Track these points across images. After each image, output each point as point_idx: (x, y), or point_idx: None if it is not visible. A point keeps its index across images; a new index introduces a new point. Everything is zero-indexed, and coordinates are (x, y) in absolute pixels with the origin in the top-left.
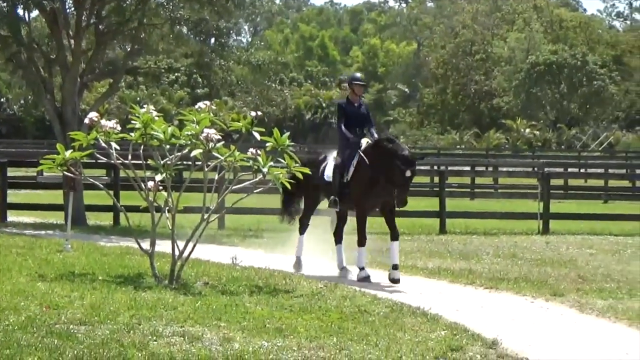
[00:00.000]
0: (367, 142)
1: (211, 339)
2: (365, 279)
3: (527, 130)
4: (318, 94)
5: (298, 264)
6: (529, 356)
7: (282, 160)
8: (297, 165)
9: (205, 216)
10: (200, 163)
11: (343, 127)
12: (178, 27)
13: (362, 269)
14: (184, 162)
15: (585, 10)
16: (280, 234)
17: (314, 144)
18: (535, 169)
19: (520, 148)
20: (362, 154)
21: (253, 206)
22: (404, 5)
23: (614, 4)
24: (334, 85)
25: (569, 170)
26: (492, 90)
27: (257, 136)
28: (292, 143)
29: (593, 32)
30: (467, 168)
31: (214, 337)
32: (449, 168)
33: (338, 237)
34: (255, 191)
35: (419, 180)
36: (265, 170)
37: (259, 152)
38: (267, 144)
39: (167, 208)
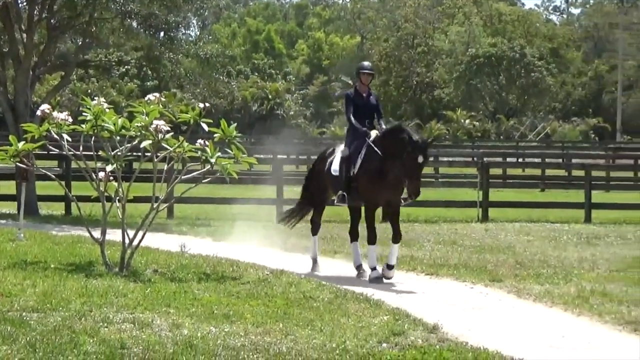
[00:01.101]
0: (377, 133)
1: (161, 325)
2: (377, 280)
3: (467, 121)
4: (264, 86)
5: (314, 265)
6: (468, 340)
7: (230, 151)
8: (244, 155)
9: (155, 205)
10: (149, 154)
11: (352, 118)
12: (128, 21)
13: (373, 269)
14: (134, 153)
15: (523, 4)
16: (228, 222)
17: (260, 135)
18: (475, 158)
19: (461, 138)
20: (371, 145)
21: (202, 195)
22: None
23: (551, 0)
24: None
25: (508, 160)
26: (433, 82)
27: (205, 127)
28: (239, 134)
29: (531, 25)
30: None
31: (164, 323)
32: None
33: (353, 235)
34: (203, 181)
35: None
36: (213, 160)
37: (207, 143)
38: (215, 135)
39: (117, 198)
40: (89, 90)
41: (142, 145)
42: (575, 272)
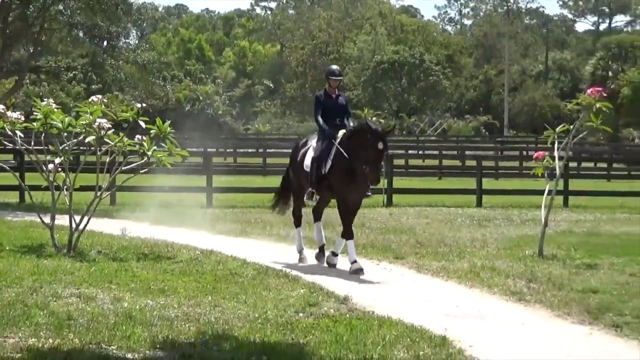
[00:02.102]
0: (344, 132)
1: (103, 299)
2: (358, 271)
3: (374, 118)
4: (196, 88)
5: (301, 257)
6: (375, 310)
7: (165, 145)
8: (178, 149)
9: (98, 194)
10: (93, 148)
11: (319, 119)
12: (75, 31)
13: (354, 262)
14: (80, 147)
15: (422, 16)
16: (164, 208)
17: (192, 131)
18: None
19: None
20: (338, 146)
21: (140, 184)
22: (269, 12)
23: (446, 11)
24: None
25: (409, 152)
26: (344, 85)
27: (143, 124)
28: (173, 130)
29: (429, 35)
30: None
31: (106, 297)
32: None
33: (317, 215)
34: (141, 171)
35: (280, 161)
36: (149, 153)
37: (144, 138)
38: (151, 131)
39: (65, 187)
40: (41, 93)
41: (86, 141)
42: (468, 250)
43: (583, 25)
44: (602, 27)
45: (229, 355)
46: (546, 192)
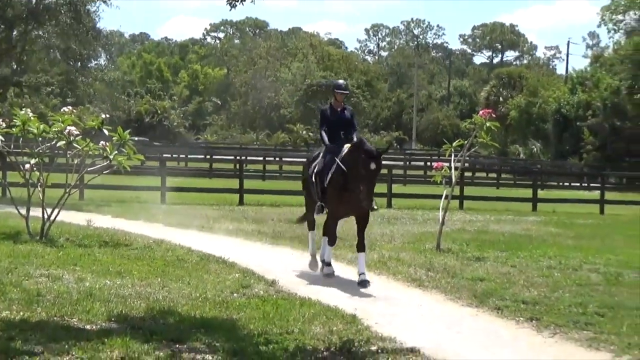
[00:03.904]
0: (348, 146)
1: (68, 279)
2: (329, 275)
3: (304, 132)
4: (155, 104)
5: (314, 262)
6: (297, 292)
7: (125, 150)
8: (136, 154)
9: (68, 190)
10: (64, 151)
11: (323, 134)
12: (52, 52)
13: (328, 264)
14: (53, 150)
15: (346, 48)
16: (124, 204)
17: (151, 140)
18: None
19: (299, 145)
20: (339, 162)
21: (104, 183)
22: (218, 41)
23: (366, 44)
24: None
25: None
26: (279, 103)
27: (106, 132)
28: (135, 138)
29: (351, 63)
30: (261, 158)
31: (71, 278)
32: (248, 158)
33: (312, 225)
34: (105, 172)
35: (224, 167)
36: (111, 157)
37: (107, 144)
38: (114, 138)
39: (39, 184)
40: (23, 104)
41: (58, 145)
42: (378, 243)
43: (480, 58)
44: (495, 60)
45: (173, 328)
46: (444, 196)
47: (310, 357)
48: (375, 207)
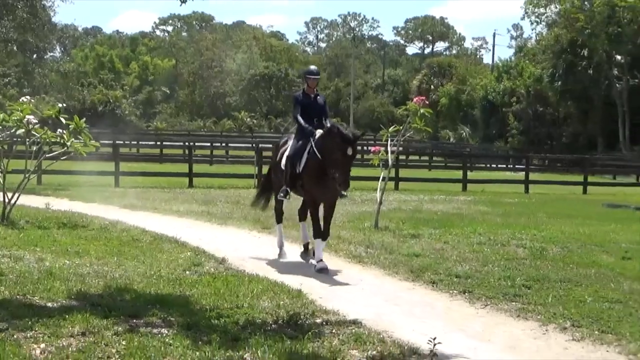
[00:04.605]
0: (320, 133)
1: (29, 259)
2: (323, 270)
3: (248, 119)
4: (107, 93)
5: (281, 252)
6: (245, 269)
7: (81, 137)
8: (91, 141)
9: (27, 175)
10: (23, 139)
11: (299, 118)
12: (9, 45)
13: (320, 260)
14: (12, 138)
15: (287, 39)
16: (80, 188)
17: (104, 127)
18: (253, 144)
19: (244, 131)
20: (313, 146)
21: (61, 168)
22: (166, 34)
23: (306, 36)
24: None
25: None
26: (225, 92)
27: (63, 120)
28: (87, 126)
29: (292, 54)
30: (208, 144)
31: (32, 258)
32: (196, 144)
33: (303, 215)
34: (62, 158)
35: (173, 152)
36: (68, 144)
37: (64, 132)
38: (70, 126)
39: (0, 170)
40: None
41: (17, 133)
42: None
43: (412, 49)
44: (427, 50)
45: (130, 304)
46: (381, 178)
47: (260, 330)
48: (345, 194)
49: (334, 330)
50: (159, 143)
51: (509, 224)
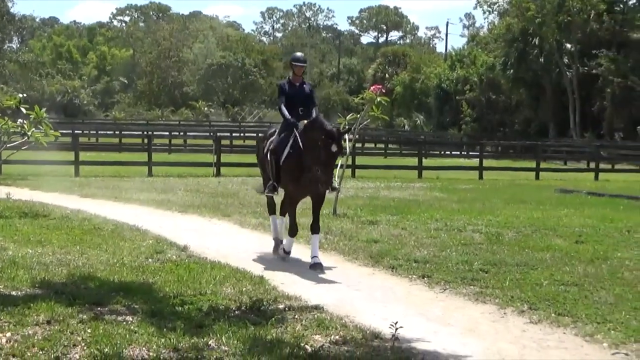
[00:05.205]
0: (305, 123)
1: None
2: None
3: (206, 108)
4: (66, 83)
5: (276, 246)
6: (207, 256)
7: (41, 127)
8: (52, 131)
9: None
10: None
11: (283, 108)
12: None
13: (288, 253)
14: None
15: (244, 29)
16: (41, 177)
17: (63, 117)
18: (211, 133)
19: (202, 120)
20: (297, 136)
21: (22, 158)
22: (124, 24)
23: (262, 26)
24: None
25: (233, 134)
26: (183, 82)
27: (24, 110)
28: (48, 116)
29: (248, 44)
30: (166, 133)
31: None
32: (154, 133)
33: (273, 209)
34: (22, 148)
35: (132, 141)
36: (29, 134)
37: (24, 122)
38: (31, 116)
39: None
40: None
41: None
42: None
43: (367, 38)
44: (381, 40)
45: (94, 292)
46: (339, 165)
47: (223, 316)
48: (337, 187)
49: (296, 316)
50: (117, 132)
51: (464, 209)
